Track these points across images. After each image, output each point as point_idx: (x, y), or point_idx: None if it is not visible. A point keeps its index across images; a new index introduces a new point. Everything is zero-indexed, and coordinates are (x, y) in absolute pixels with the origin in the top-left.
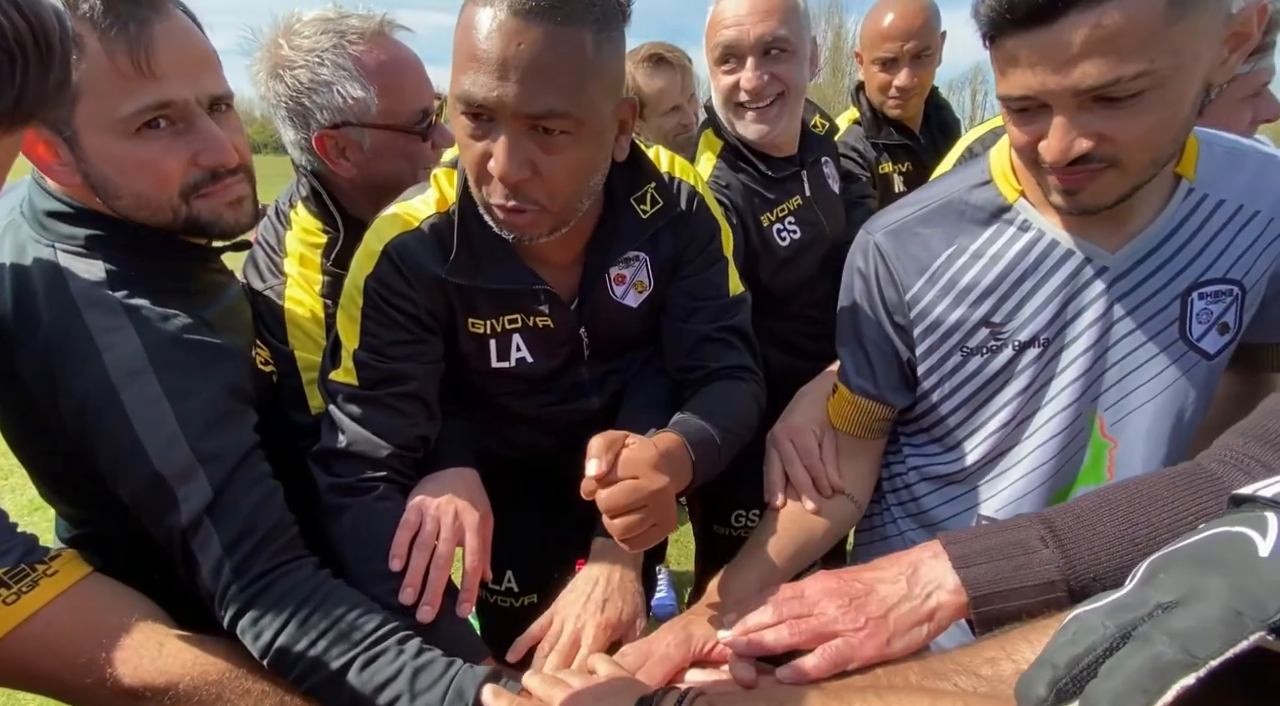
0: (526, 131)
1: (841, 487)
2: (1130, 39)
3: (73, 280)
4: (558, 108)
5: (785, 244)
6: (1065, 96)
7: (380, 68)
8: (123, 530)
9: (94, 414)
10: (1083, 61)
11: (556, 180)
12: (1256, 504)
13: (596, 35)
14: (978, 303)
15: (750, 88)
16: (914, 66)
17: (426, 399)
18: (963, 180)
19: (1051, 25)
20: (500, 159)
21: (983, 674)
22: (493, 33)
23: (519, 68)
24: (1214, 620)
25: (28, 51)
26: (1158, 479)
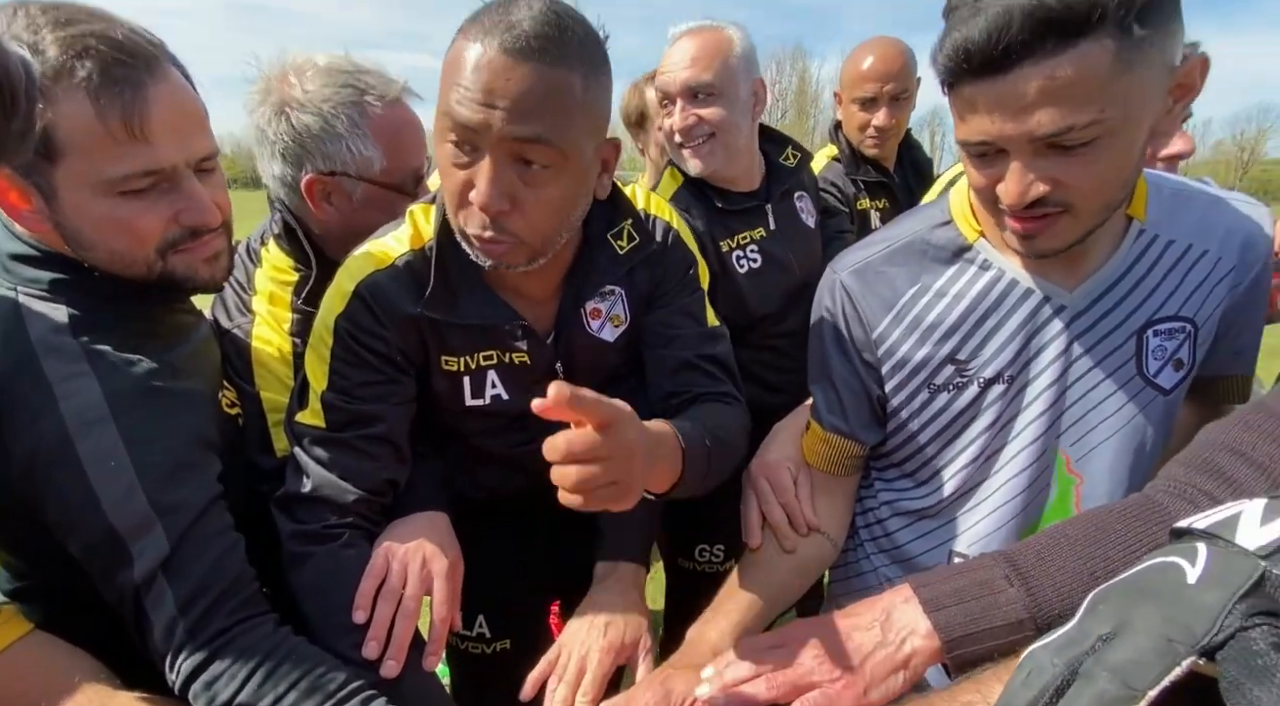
0: (510, 161)
1: (818, 525)
2: (1081, 90)
3: (33, 325)
4: (542, 135)
5: (743, 270)
6: (1021, 142)
7: (392, 132)
8: (70, 584)
9: (45, 464)
10: (1037, 110)
11: (536, 214)
12: (1192, 535)
13: (584, 77)
14: (943, 340)
15: (678, 128)
16: (892, 107)
17: (396, 441)
18: (925, 220)
19: (1007, 75)
20: (482, 187)
21: None
22: (482, 67)
23: (508, 97)
24: (1148, 650)
25: None
26: (1109, 512)
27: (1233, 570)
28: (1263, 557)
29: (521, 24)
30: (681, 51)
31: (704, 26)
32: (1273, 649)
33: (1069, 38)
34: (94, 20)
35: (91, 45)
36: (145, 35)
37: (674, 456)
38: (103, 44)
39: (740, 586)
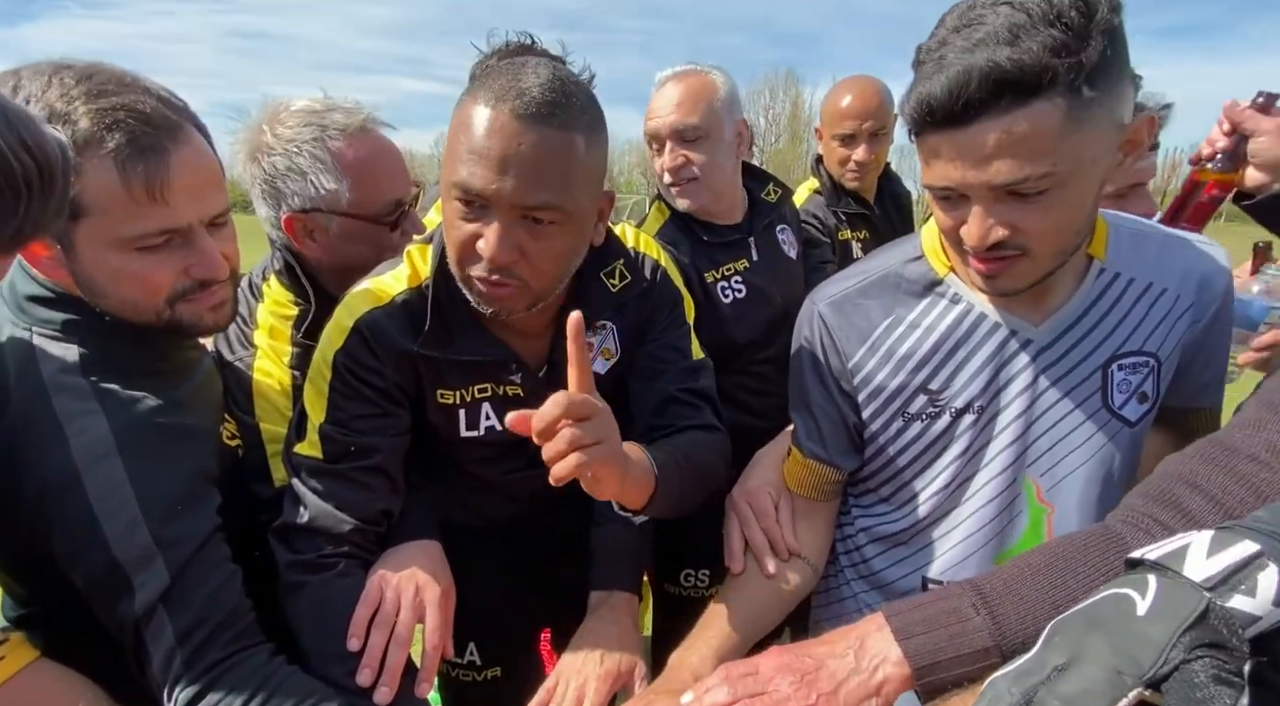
0: (518, 220)
1: (799, 550)
2: (1035, 145)
3: (45, 364)
4: (551, 201)
5: (728, 300)
6: (981, 189)
7: (358, 162)
8: (72, 613)
9: (53, 497)
10: (995, 161)
11: (542, 264)
12: (1144, 566)
13: (586, 138)
14: (915, 370)
15: (668, 168)
16: (870, 143)
17: (391, 472)
18: (898, 255)
19: (967, 128)
20: (491, 243)
21: None
22: (494, 132)
23: (518, 164)
24: (1098, 681)
25: (33, 188)
26: (1070, 542)
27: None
28: (1208, 589)
29: (531, 91)
30: (668, 96)
31: (689, 71)
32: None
33: (1023, 97)
34: (124, 91)
35: (121, 118)
36: (171, 101)
37: (646, 470)
38: (131, 117)
39: (722, 612)
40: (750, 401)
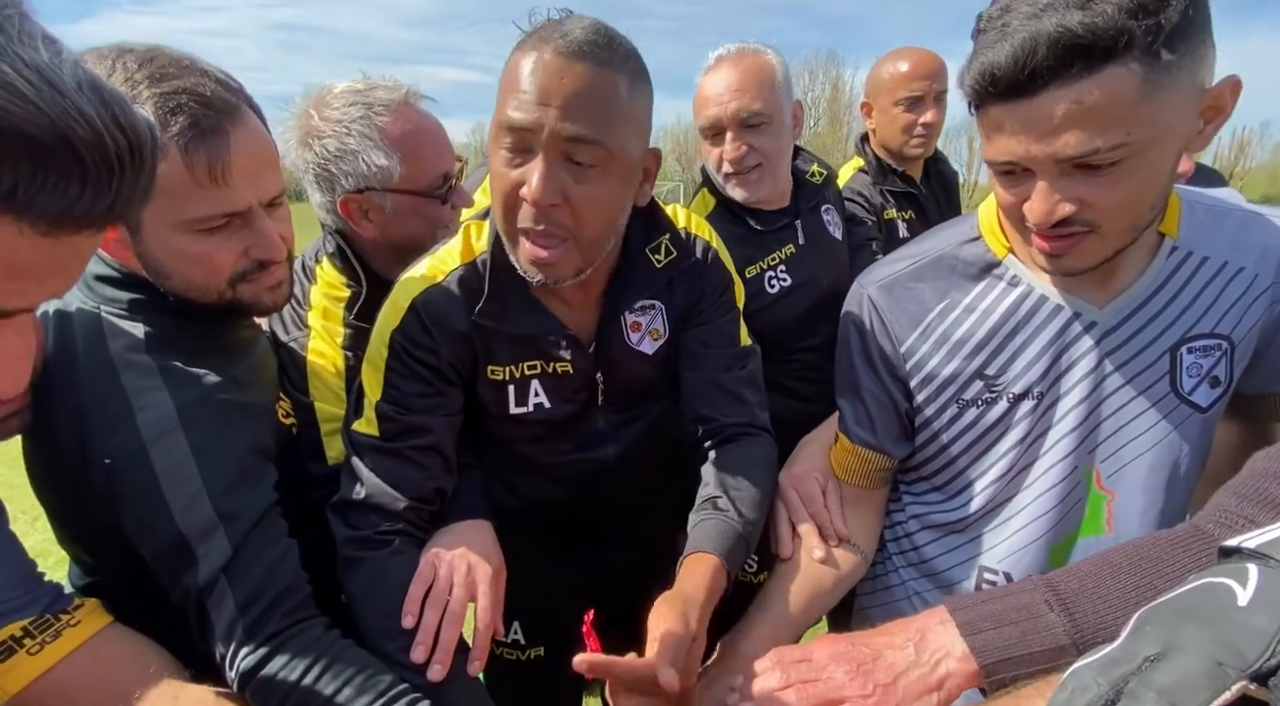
0: (561, 160)
1: (847, 535)
2: (1107, 113)
3: (113, 341)
4: (592, 135)
5: (774, 290)
6: (1047, 163)
7: (403, 137)
8: (137, 582)
9: (123, 471)
10: (1063, 132)
11: (585, 210)
12: (1241, 554)
13: (630, 82)
14: (971, 356)
15: (730, 159)
16: (937, 106)
17: (445, 451)
18: (953, 236)
19: (1032, 98)
20: (534, 184)
21: None
22: (538, 69)
23: (561, 95)
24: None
25: (125, 165)
26: (1156, 541)
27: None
28: None
29: (574, 32)
30: (725, 80)
31: (745, 51)
32: None
33: (1095, 63)
34: (184, 74)
35: (184, 102)
36: (228, 83)
37: (719, 582)
38: (193, 100)
39: (772, 597)
40: (795, 387)
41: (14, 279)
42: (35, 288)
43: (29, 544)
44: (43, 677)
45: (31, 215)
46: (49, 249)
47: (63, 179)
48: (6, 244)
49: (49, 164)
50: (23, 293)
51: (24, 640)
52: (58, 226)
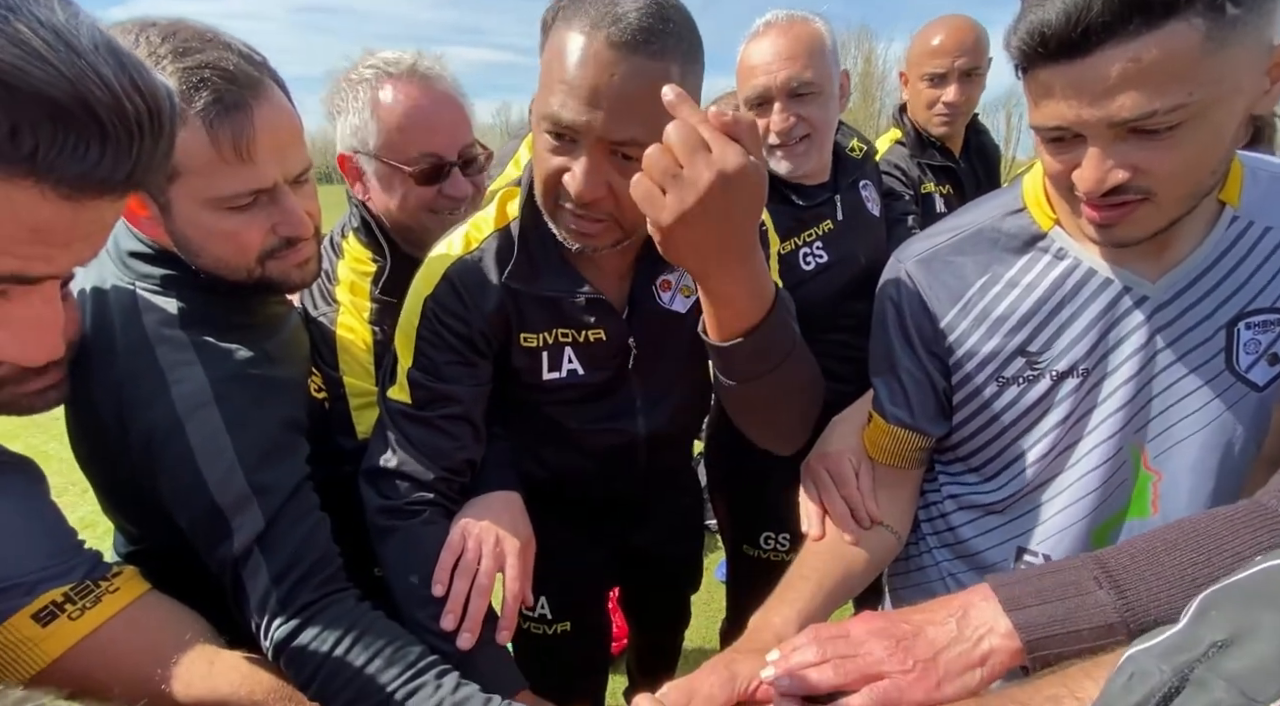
0: (606, 155)
1: (880, 518)
2: (1167, 72)
3: (147, 316)
4: (640, 137)
5: (809, 267)
6: (1100, 128)
7: (391, 106)
8: (178, 551)
9: (160, 444)
10: (1118, 94)
11: (628, 200)
12: None
13: (682, 67)
14: (1013, 332)
15: (778, 130)
16: (962, 83)
17: (474, 421)
18: (995, 208)
19: (1086, 58)
20: (579, 178)
21: None
22: (587, 61)
23: (609, 97)
24: (1271, 659)
25: (144, 130)
26: (1214, 518)
27: None
28: None
29: (628, 16)
30: (773, 48)
31: (793, 18)
32: None
33: (1155, 19)
34: (207, 48)
35: (207, 77)
36: (252, 57)
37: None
38: (216, 75)
39: (802, 576)
40: (830, 367)
41: (38, 243)
42: (60, 253)
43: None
44: (83, 641)
45: (53, 178)
46: (72, 213)
47: (83, 142)
48: (29, 207)
49: (69, 126)
50: (47, 258)
51: (65, 605)
52: (79, 190)
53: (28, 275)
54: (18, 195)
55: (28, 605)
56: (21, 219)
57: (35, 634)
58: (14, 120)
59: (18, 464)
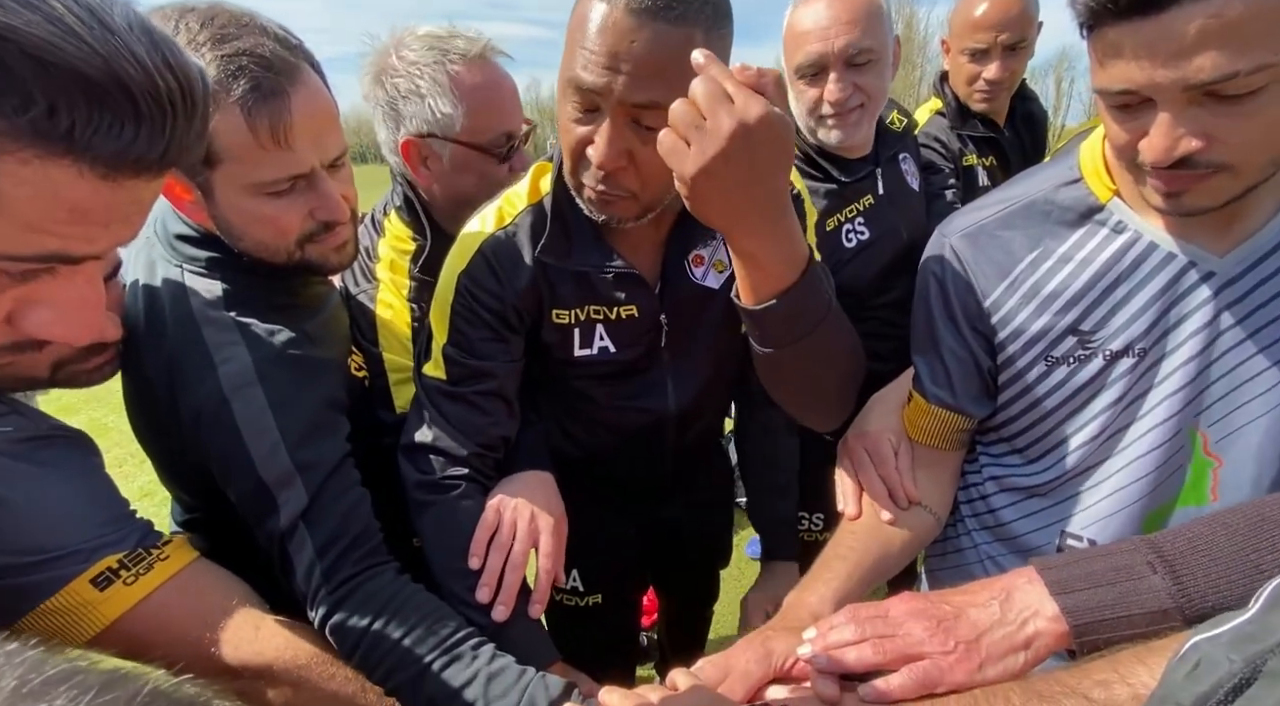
0: (628, 122)
1: (918, 499)
2: (1252, 29)
3: (194, 298)
4: (662, 100)
5: (851, 244)
6: (1173, 91)
7: (474, 89)
8: (231, 519)
9: (208, 422)
10: (1196, 54)
11: (650, 171)
12: None
13: (706, 34)
14: (1064, 310)
15: (834, 100)
16: (1006, 59)
17: (508, 397)
18: (1048, 178)
19: (1161, 14)
20: (600, 146)
21: (1094, 697)
22: (607, 28)
23: (630, 60)
24: None
25: (177, 108)
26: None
27: None
28: None
29: None
30: (830, 13)
31: None
32: None
33: None
34: (244, 34)
35: (245, 64)
36: (288, 41)
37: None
38: (254, 63)
39: (839, 555)
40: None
41: (78, 223)
42: (100, 233)
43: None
44: (138, 606)
45: (90, 157)
46: (110, 193)
47: (118, 120)
48: (67, 186)
49: (104, 104)
50: (87, 238)
51: (120, 571)
52: (115, 169)
53: (70, 255)
54: (57, 174)
55: (86, 570)
56: (61, 198)
57: (94, 598)
58: (51, 98)
59: (73, 437)
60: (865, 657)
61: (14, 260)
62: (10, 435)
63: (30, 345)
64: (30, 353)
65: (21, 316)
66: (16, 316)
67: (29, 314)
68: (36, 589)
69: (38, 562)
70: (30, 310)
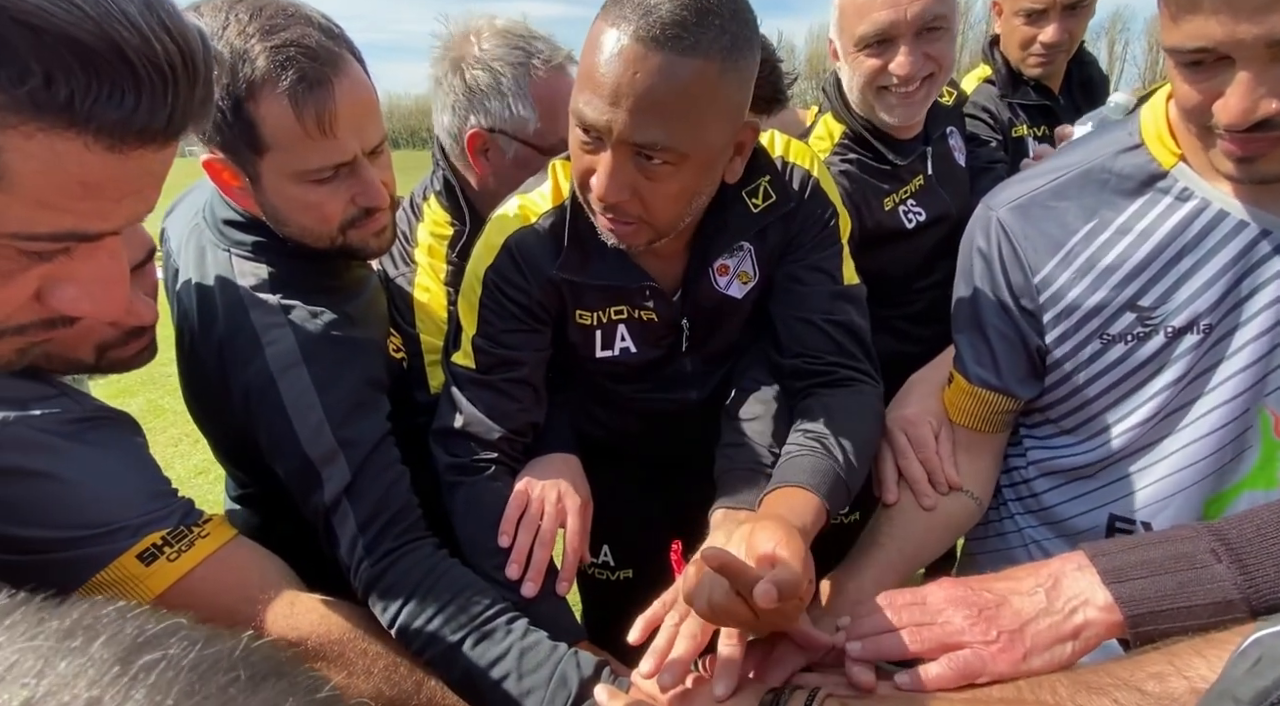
0: (629, 157)
1: (959, 484)
2: None
3: (242, 281)
4: (662, 142)
5: (912, 226)
6: (1255, 48)
7: (551, 97)
8: (280, 495)
9: (256, 400)
10: None
11: (655, 204)
12: None
13: (722, 64)
14: (1123, 284)
15: (904, 73)
16: (1064, 19)
17: (535, 384)
18: (1107, 145)
19: None
20: (601, 180)
21: (1148, 690)
22: (613, 57)
23: (631, 96)
24: None
25: (178, 73)
26: None
27: None
28: None
29: (660, 9)
30: None
31: None
32: None
33: None
34: (291, 24)
35: (292, 55)
36: (331, 30)
37: (819, 521)
38: (300, 52)
39: (877, 542)
40: (911, 329)
41: (90, 198)
42: (113, 208)
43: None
44: (181, 581)
45: (93, 127)
46: (118, 165)
47: (117, 88)
48: (75, 160)
49: (101, 72)
50: (101, 214)
51: (163, 548)
52: (121, 140)
53: (86, 232)
54: (62, 147)
55: (133, 546)
56: (71, 173)
57: (140, 572)
58: (47, 67)
59: (118, 418)
60: (901, 646)
61: (31, 239)
62: (59, 416)
63: (61, 322)
64: (62, 329)
65: (49, 294)
66: (45, 294)
67: (55, 291)
68: (87, 562)
69: (88, 537)
70: (57, 287)
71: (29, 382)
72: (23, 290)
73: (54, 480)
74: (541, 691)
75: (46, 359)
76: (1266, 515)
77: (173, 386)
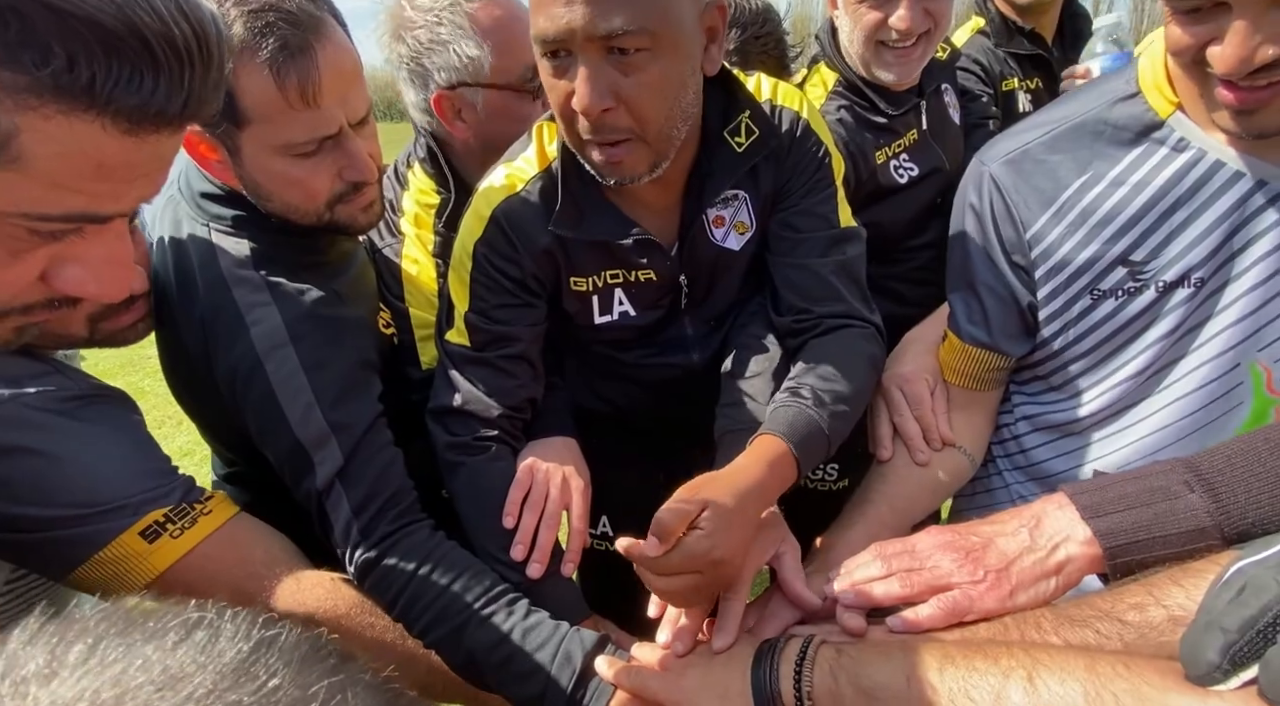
0: (602, 58)
1: (953, 440)
2: None
3: (222, 257)
4: (627, 25)
5: (902, 180)
6: None
7: (494, 25)
8: (269, 475)
9: (243, 384)
10: None
11: (641, 103)
12: None
13: None
14: (1115, 238)
15: (904, 27)
16: None
17: (532, 360)
18: (1103, 94)
19: None
20: (580, 91)
21: (1128, 620)
22: None
23: None
24: None
25: (194, 58)
26: None
27: None
28: None
29: None
30: None
31: None
32: None
33: None
34: None
35: (271, 21)
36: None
37: (788, 476)
38: (281, 19)
39: (869, 499)
40: (906, 291)
41: (104, 180)
42: (125, 190)
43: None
44: (185, 558)
45: (111, 110)
46: (133, 149)
47: (137, 72)
48: (92, 141)
49: (122, 55)
50: (114, 195)
51: (166, 525)
52: (138, 123)
53: (98, 214)
54: (81, 128)
55: (135, 523)
56: (87, 154)
57: (143, 549)
58: (70, 50)
59: (114, 395)
60: (892, 591)
61: (43, 220)
62: (54, 393)
63: (65, 302)
64: (64, 309)
65: (55, 275)
66: (50, 275)
67: (61, 272)
68: (88, 540)
69: (89, 514)
70: (62, 268)
71: (23, 360)
72: (30, 270)
73: (51, 458)
74: (546, 670)
75: (39, 336)
76: (1236, 446)
77: (153, 368)
